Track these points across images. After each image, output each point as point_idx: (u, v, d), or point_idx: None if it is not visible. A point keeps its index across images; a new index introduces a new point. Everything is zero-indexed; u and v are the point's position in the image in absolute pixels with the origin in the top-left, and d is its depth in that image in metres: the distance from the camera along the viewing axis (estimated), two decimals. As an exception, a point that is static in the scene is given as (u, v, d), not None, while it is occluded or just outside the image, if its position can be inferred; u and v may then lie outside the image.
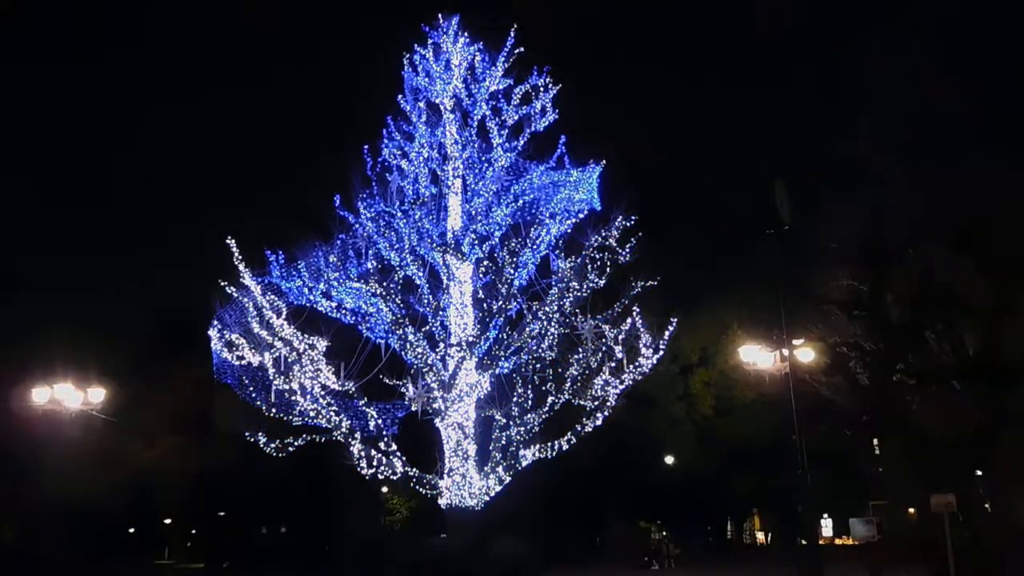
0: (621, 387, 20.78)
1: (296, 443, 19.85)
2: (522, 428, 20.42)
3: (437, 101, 23.15)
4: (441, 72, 23.02)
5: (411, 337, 20.19)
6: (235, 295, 19.74)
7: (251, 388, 19.70)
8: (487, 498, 20.55)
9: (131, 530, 54.96)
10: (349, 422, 19.91)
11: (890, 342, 24.93)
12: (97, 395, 24.67)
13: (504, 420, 20.49)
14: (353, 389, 19.75)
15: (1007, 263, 22.30)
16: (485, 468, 20.65)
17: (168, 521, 56.17)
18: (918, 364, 24.59)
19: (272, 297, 19.86)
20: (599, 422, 20.71)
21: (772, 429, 29.86)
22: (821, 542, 40.39)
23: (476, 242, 21.07)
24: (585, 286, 20.73)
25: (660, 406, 39.95)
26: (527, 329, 20.55)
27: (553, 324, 20.64)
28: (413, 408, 20.28)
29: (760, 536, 55.05)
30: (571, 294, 20.61)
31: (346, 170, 21.51)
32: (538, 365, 20.78)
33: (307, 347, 19.67)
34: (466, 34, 23.52)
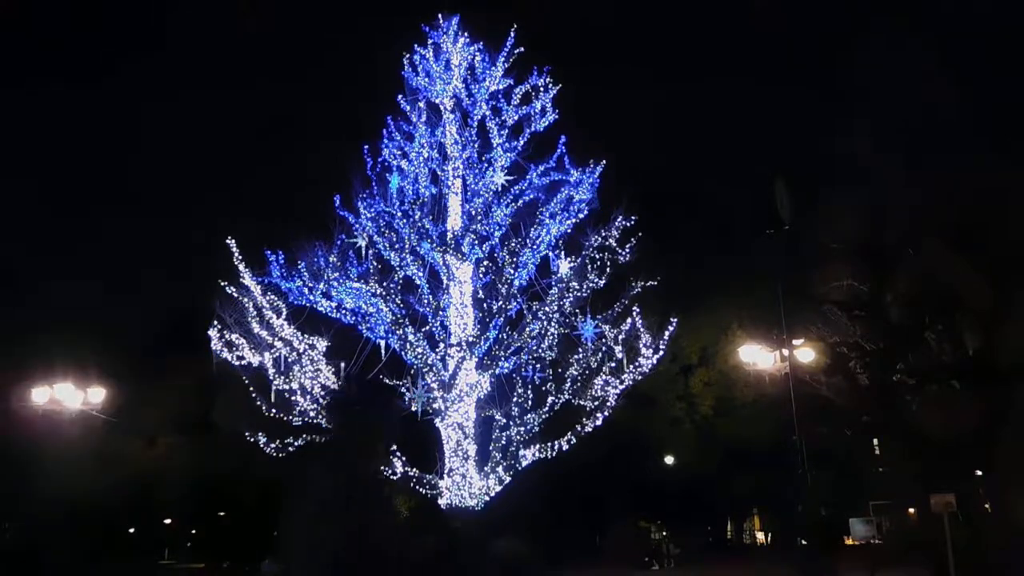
0: (621, 387, 20.79)
1: (296, 443, 19.85)
2: (522, 428, 20.42)
3: (437, 101, 23.16)
4: (441, 72, 23.02)
5: (411, 337, 20.19)
6: (235, 295, 19.75)
7: (251, 388, 19.71)
8: (487, 498, 20.55)
9: (131, 530, 54.91)
10: (349, 422, 19.90)
11: (890, 342, 24.90)
12: (97, 395, 24.71)
13: (504, 420, 20.50)
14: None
15: (1007, 263, 22.28)
16: (485, 468, 20.65)
17: (168, 521, 56.10)
18: (918, 364, 24.55)
19: (272, 297, 19.89)
20: (599, 422, 20.72)
21: (772, 429, 29.84)
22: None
23: (476, 242, 21.07)
24: (585, 286, 20.73)
25: (660, 406, 39.92)
26: (527, 329, 20.56)
27: (553, 324, 20.65)
28: (413, 408, 20.29)
29: (760, 536, 55.00)
30: (571, 294, 20.62)
31: (346, 170, 21.55)
32: (538, 365, 20.79)
33: (307, 347, 19.70)
34: (466, 34, 23.54)
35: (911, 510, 31.84)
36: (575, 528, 42.84)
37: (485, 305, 20.67)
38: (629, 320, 20.69)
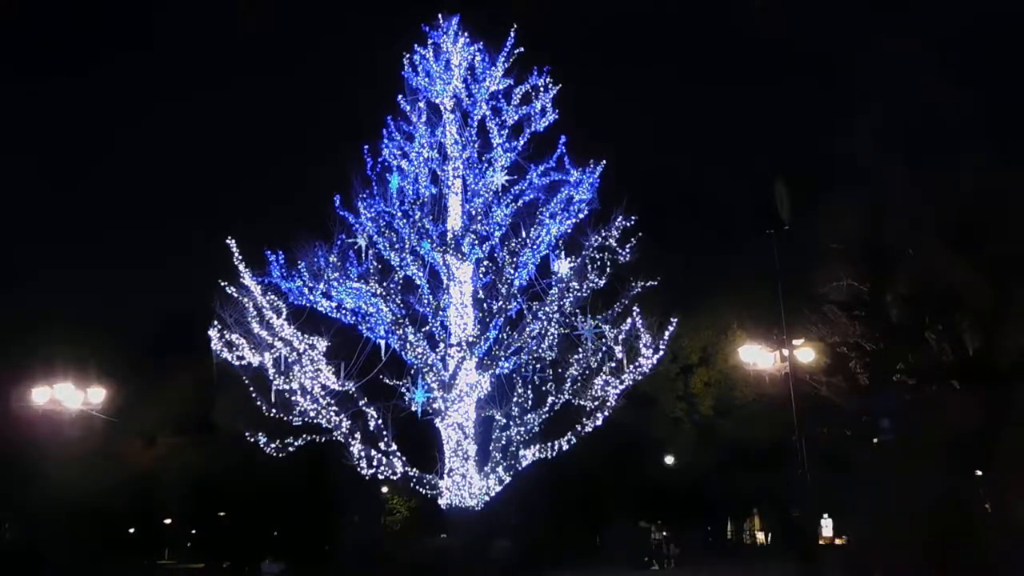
0: (621, 387, 20.76)
1: (296, 443, 19.84)
2: (522, 428, 20.41)
3: (437, 101, 23.15)
4: (441, 72, 23.01)
5: (411, 337, 20.18)
6: (235, 295, 19.74)
7: (251, 388, 19.69)
8: (487, 498, 20.53)
9: (131, 530, 54.94)
10: (349, 422, 19.91)
11: (890, 342, 24.93)
12: (97, 395, 24.68)
13: (504, 420, 20.48)
14: (353, 389, 19.74)
15: (1007, 263, 22.30)
16: (485, 468, 20.64)
17: (168, 521, 56.12)
18: (918, 364, 24.57)
19: (272, 297, 19.87)
20: (599, 422, 20.70)
21: (772, 429, 29.82)
22: (821, 542, 40.32)
23: (476, 242, 21.05)
24: (585, 286, 20.71)
25: (660, 406, 39.90)
26: (527, 329, 20.54)
27: (553, 324, 20.64)
28: (412, 408, 20.29)
29: (760, 536, 54.97)
30: (571, 294, 20.60)
31: (346, 170, 21.55)
32: (538, 365, 20.77)
33: (307, 347, 19.68)
34: (466, 34, 23.53)
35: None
36: (575, 528, 42.87)
37: (485, 305, 20.65)
38: (629, 320, 20.67)
